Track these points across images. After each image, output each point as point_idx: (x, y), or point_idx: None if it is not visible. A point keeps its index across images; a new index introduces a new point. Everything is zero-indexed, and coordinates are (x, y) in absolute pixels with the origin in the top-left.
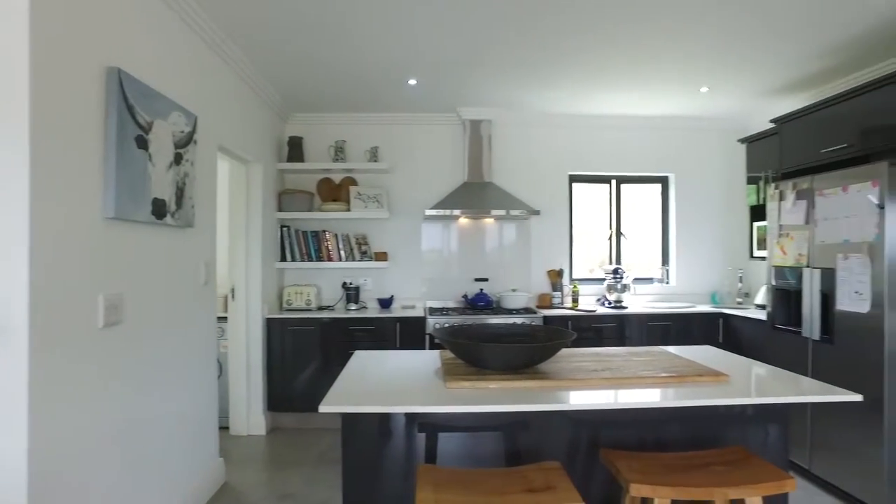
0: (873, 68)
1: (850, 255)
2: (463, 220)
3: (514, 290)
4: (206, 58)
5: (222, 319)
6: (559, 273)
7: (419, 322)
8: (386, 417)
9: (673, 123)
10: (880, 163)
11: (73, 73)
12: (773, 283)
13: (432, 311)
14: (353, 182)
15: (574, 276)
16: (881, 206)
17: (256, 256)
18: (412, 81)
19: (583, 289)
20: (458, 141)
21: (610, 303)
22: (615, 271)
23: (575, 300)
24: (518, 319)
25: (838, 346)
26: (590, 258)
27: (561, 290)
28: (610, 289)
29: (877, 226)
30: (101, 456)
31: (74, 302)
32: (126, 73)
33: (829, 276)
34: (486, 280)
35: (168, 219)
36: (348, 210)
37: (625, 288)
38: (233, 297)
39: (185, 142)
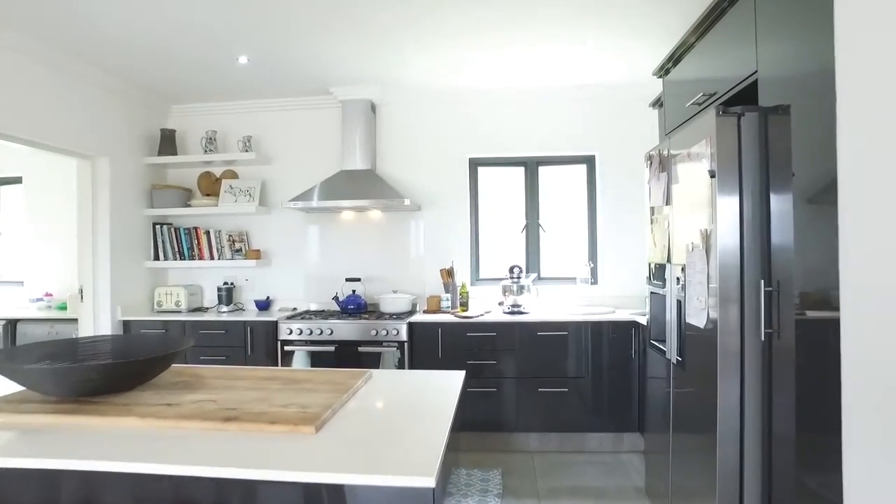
0: None
1: (695, 248)
2: (347, 215)
3: (394, 292)
4: None
5: (73, 321)
6: (450, 272)
7: (271, 327)
8: None
9: (588, 93)
10: (708, 112)
11: None
12: (648, 285)
13: (290, 316)
14: (234, 175)
15: (481, 276)
16: (712, 175)
17: (105, 255)
18: (242, 60)
19: (487, 290)
20: (338, 126)
21: (508, 308)
22: (511, 270)
23: (464, 304)
24: (391, 325)
25: (690, 373)
26: (511, 255)
27: (453, 291)
28: (506, 291)
29: (710, 203)
30: None
31: None
32: None
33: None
34: (357, 280)
35: None
36: (217, 205)
37: (522, 290)
38: (81, 298)
39: None
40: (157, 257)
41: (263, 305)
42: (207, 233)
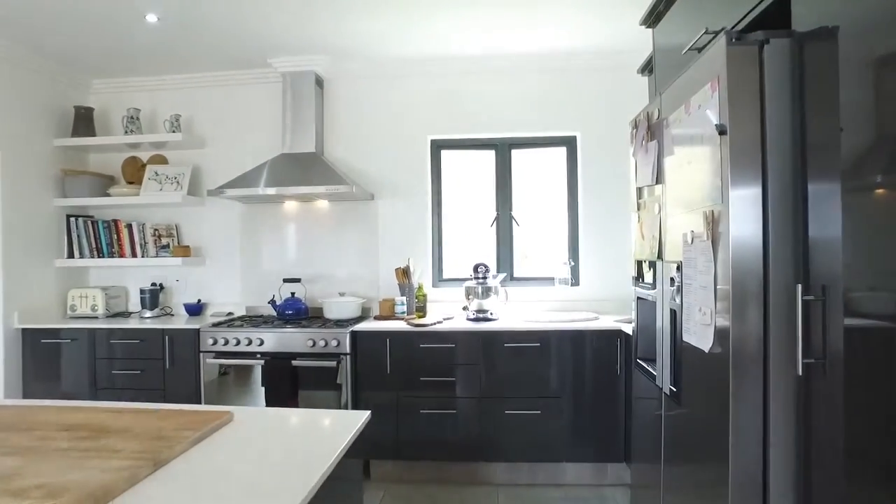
0: None
1: (696, 238)
2: (290, 205)
3: (341, 295)
4: None
5: None
6: (406, 272)
7: (193, 336)
8: None
9: (567, 62)
10: (716, 44)
11: None
12: (636, 287)
13: (218, 322)
14: (163, 160)
15: (445, 276)
16: (722, 131)
17: None
18: (150, 18)
19: (452, 292)
20: (279, 103)
21: (473, 314)
22: (476, 268)
23: (420, 308)
24: (332, 335)
25: (686, 407)
26: (480, 252)
27: (409, 294)
28: (469, 293)
29: (718, 174)
30: None
31: None
32: None
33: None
34: (297, 281)
35: None
36: (139, 194)
37: (488, 292)
38: None
39: None
40: (71, 254)
41: (195, 310)
42: (129, 226)
